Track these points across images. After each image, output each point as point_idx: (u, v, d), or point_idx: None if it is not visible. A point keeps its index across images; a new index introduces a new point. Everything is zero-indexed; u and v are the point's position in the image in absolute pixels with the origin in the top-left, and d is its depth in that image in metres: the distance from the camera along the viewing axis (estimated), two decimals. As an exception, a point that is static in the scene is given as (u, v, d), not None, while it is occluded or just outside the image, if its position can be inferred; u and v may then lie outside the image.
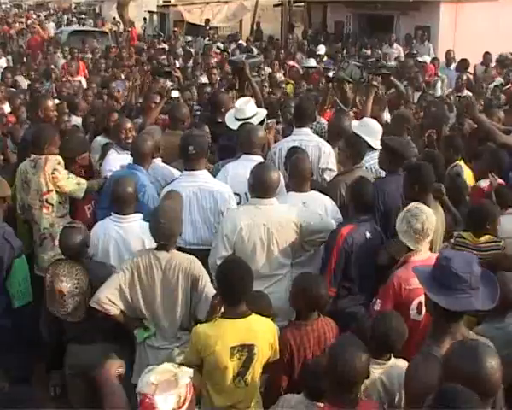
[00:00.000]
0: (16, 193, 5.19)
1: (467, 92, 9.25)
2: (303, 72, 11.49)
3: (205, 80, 9.60)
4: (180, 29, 20.08)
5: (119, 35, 20.71)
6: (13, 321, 4.42)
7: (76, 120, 7.30)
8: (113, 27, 23.01)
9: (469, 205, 5.07)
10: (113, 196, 4.46)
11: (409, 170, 4.57)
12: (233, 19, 22.23)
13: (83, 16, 29.30)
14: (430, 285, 2.96)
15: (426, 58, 12.22)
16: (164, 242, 3.91)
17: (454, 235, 4.61)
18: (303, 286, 3.77)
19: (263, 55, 12.49)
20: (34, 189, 5.08)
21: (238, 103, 5.96)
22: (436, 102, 8.15)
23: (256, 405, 3.62)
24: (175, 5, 22.70)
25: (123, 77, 10.37)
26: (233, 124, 5.79)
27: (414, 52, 13.77)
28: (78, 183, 5.13)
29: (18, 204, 5.23)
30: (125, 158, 5.31)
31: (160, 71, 8.08)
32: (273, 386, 3.76)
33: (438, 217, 4.26)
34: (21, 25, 24.29)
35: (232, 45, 16.28)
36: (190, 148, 4.71)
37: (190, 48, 15.62)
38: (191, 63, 12.37)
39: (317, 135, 5.83)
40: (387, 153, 4.92)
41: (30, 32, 20.53)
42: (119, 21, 23.67)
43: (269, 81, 9.86)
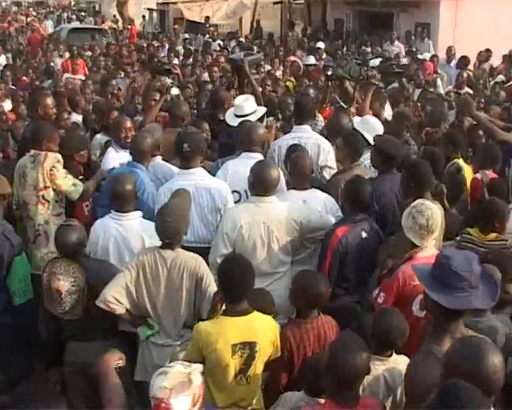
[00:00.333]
0: (13, 188, 5.16)
1: (467, 89, 9.25)
2: (303, 69, 11.48)
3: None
4: (180, 26, 20.06)
5: (119, 33, 20.69)
6: (13, 319, 4.42)
7: (76, 118, 7.31)
8: (113, 25, 23.00)
9: (467, 200, 5.04)
10: (113, 194, 4.45)
11: (405, 168, 4.54)
12: (233, 16, 22.23)
13: (82, 14, 29.30)
14: (430, 284, 2.95)
15: (426, 55, 12.20)
16: (169, 240, 3.90)
17: (460, 232, 4.58)
18: (303, 284, 3.76)
19: (262, 52, 12.47)
20: (30, 184, 5.06)
21: (238, 100, 5.99)
22: (435, 100, 8.14)
23: (257, 402, 3.62)
24: (174, 3, 22.65)
25: (122, 75, 10.37)
26: (233, 121, 5.80)
27: (413, 49, 13.75)
28: (74, 184, 5.12)
29: (14, 200, 5.21)
30: (124, 156, 5.30)
31: (160, 68, 8.06)
32: (273, 384, 3.76)
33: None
34: (21, 22, 24.27)
35: (232, 43, 16.25)
36: (185, 145, 4.69)
37: (189, 45, 15.59)
38: (191, 61, 12.37)
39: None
40: (379, 154, 4.91)
41: (30, 30, 20.53)
42: (119, 19, 23.66)
43: (268, 78, 9.83)
